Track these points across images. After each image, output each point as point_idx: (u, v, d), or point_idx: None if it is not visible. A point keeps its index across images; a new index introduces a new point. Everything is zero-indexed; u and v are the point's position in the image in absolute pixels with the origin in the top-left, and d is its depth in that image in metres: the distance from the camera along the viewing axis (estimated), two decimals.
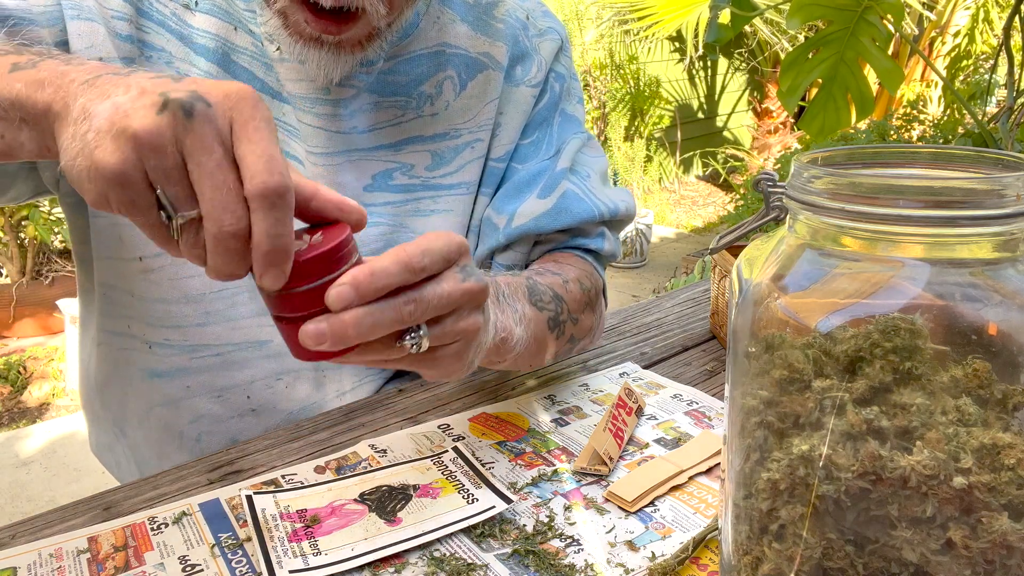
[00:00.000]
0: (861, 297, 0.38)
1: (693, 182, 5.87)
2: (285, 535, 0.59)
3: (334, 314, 0.45)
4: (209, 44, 0.72)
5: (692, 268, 3.51)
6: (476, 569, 0.56)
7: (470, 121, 0.82)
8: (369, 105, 0.77)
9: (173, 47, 0.71)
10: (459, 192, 0.83)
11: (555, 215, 0.81)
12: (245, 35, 0.73)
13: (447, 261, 0.50)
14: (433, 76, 0.79)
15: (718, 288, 0.93)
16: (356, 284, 0.44)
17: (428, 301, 0.48)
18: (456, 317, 0.51)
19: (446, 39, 0.80)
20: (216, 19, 0.72)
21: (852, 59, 1.56)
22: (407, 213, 0.81)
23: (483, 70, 0.82)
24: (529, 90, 0.84)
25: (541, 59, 0.85)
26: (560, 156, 0.85)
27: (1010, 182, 0.36)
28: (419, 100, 0.79)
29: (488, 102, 0.82)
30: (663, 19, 4.28)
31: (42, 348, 3.11)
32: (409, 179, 0.80)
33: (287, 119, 0.75)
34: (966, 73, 4.77)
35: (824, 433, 0.37)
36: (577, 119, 0.88)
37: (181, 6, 0.71)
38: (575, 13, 5.16)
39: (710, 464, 0.67)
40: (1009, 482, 0.34)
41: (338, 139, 0.75)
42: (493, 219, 0.84)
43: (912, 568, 0.36)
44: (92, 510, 0.64)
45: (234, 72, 0.73)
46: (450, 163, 0.82)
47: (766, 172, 0.46)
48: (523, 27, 0.84)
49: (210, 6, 0.72)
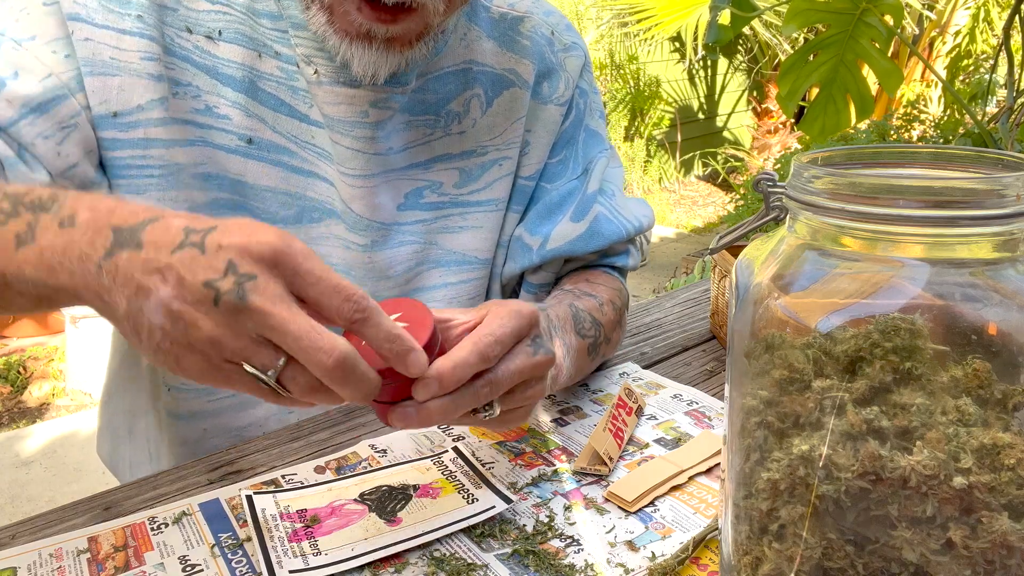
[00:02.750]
0: (861, 297, 0.38)
1: (693, 182, 5.87)
2: (285, 535, 0.59)
3: (421, 404, 0.50)
4: (235, 74, 0.71)
5: (692, 268, 3.51)
6: (476, 569, 0.56)
7: (497, 138, 0.82)
8: (403, 125, 0.76)
9: (200, 81, 0.70)
10: (488, 209, 0.83)
11: (588, 239, 0.84)
12: (270, 60, 0.72)
13: (518, 338, 0.55)
14: (461, 94, 0.79)
15: (718, 288, 0.93)
16: (440, 378, 0.49)
17: (501, 382, 0.53)
18: (525, 386, 0.57)
19: (473, 56, 0.80)
20: (240, 47, 0.71)
21: (851, 61, 1.56)
22: (437, 230, 0.82)
23: (509, 87, 0.81)
24: (557, 108, 0.85)
25: (568, 76, 0.85)
26: (590, 177, 0.86)
27: (1010, 182, 0.36)
28: (447, 119, 0.79)
29: (515, 120, 0.82)
30: (663, 20, 4.28)
31: (42, 348, 3.10)
32: (439, 197, 0.81)
33: (317, 142, 0.74)
34: (966, 73, 4.77)
35: (824, 433, 0.37)
36: (600, 135, 0.89)
37: (204, 37, 0.70)
38: (575, 14, 5.16)
39: (710, 464, 0.67)
40: (1009, 482, 0.34)
41: (376, 161, 0.75)
42: (525, 239, 0.85)
43: (912, 568, 0.36)
44: (92, 510, 0.64)
45: (261, 99, 0.72)
46: (478, 180, 0.82)
47: (766, 172, 0.46)
48: (548, 43, 0.84)
49: (234, 35, 0.71)
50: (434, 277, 0.83)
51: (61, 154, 0.65)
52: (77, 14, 0.65)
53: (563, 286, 0.85)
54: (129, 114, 0.67)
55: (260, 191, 0.74)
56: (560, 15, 0.88)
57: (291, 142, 0.74)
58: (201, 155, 0.71)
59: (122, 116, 0.67)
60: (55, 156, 0.64)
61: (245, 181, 0.73)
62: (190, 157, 0.71)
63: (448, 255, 0.83)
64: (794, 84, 1.63)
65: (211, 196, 0.73)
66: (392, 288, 0.81)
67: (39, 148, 0.64)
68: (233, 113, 0.71)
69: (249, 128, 0.72)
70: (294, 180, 0.75)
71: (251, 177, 0.73)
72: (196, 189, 0.72)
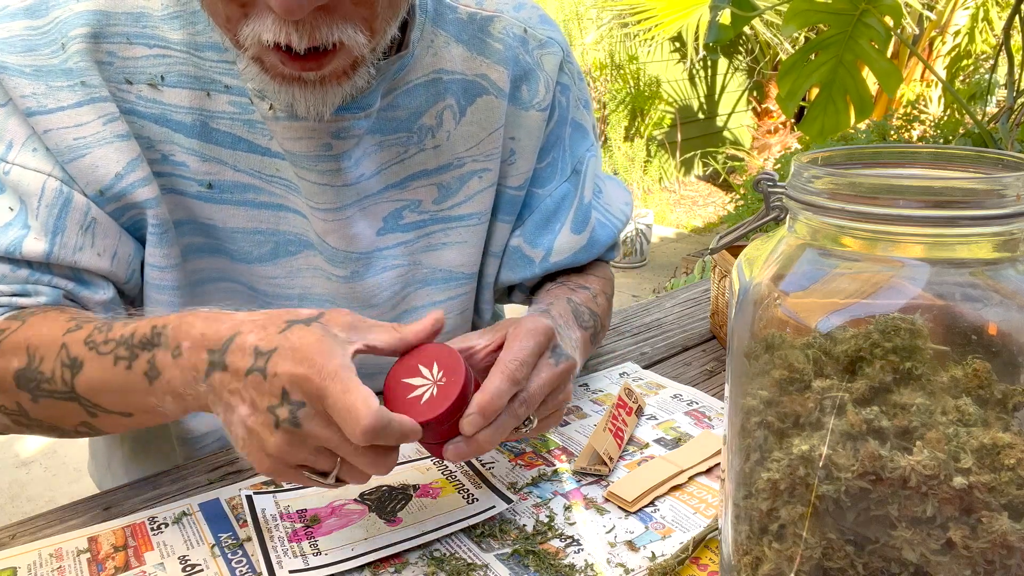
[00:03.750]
0: (861, 297, 0.38)
1: (693, 182, 5.87)
2: (285, 535, 0.59)
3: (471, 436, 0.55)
4: (185, 119, 0.68)
5: (692, 268, 3.51)
6: (476, 569, 0.56)
7: (473, 149, 0.79)
8: (373, 148, 0.73)
9: (150, 131, 0.67)
10: (470, 223, 0.81)
11: (589, 248, 0.85)
12: (220, 96, 0.68)
13: (540, 355, 0.59)
14: (432, 107, 0.76)
15: (718, 288, 0.93)
16: (484, 412, 0.54)
17: (535, 398, 0.58)
18: (554, 394, 0.61)
19: (442, 64, 0.75)
20: (187, 90, 0.68)
21: (851, 62, 1.57)
22: (420, 250, 0.80)
23: (482, 94, 0.78)
24: (539, 114, 0.81)
25: (547, 76, 0.81)
26: (584, 183, 0.84)
27: (1010, 182, 0.36)
28: (420, 134, 0.76)
29: (492, 131, 0.79)
30: (663, 21, 4.28)
31: None
32: (419, 215, 0.78)
33: (283, 174, 0.71)
34: (966, 73, 4.77)
35: (824, 433, 0.37)
36: (585, 127, 0.86)
37: (147, 86, 0.67)
38: (575, 14, 5.16)
39: (710, 464, 0.67)
40: (1009, 482, 0.34)
41: (346, 192, 0.72)
42: (525, 251, 0.84)
43: (912, 568, 0.36)
44: (92, 510, 0.64)
45: (216, 140, 0.69)
46: (457, 194, 0.79)
47: (766, 172, 0.46)
48: (522, 43, 0.80)
49: (177, 77, 0.67)
50: (421, 297, 0.81)
51: (101, 254, 0.66)
52: (29, 108, 0.63)
53: (555, 278, 0.85)
54: (110, 187, 0.66)
55: (231, 233, 0.72)
56: (532, 7, 0.83)
57: (255, 178, 0.71)
58: (171, 202, 0.70)
59: (107, 191, 0.66)
60: (97, 259, 0.66)
61: (215, 224, 0.72)
62: (168, 208, 0.69)
63: (434, 273, 0.81)
64: (794, 85, 1.63)
65: (185, 242, 0.72)
66: (379, 316, 0.79)
67: (82, 263, 0.66)
68: (189, 160, 0.69)
69: (207, 172, 0.70)
70: (264, 216, 0.73)
71: (219, 220, 0.72)
72: (183, 237, 0.72)
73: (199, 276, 0.74)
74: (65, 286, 0.66)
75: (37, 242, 0.64)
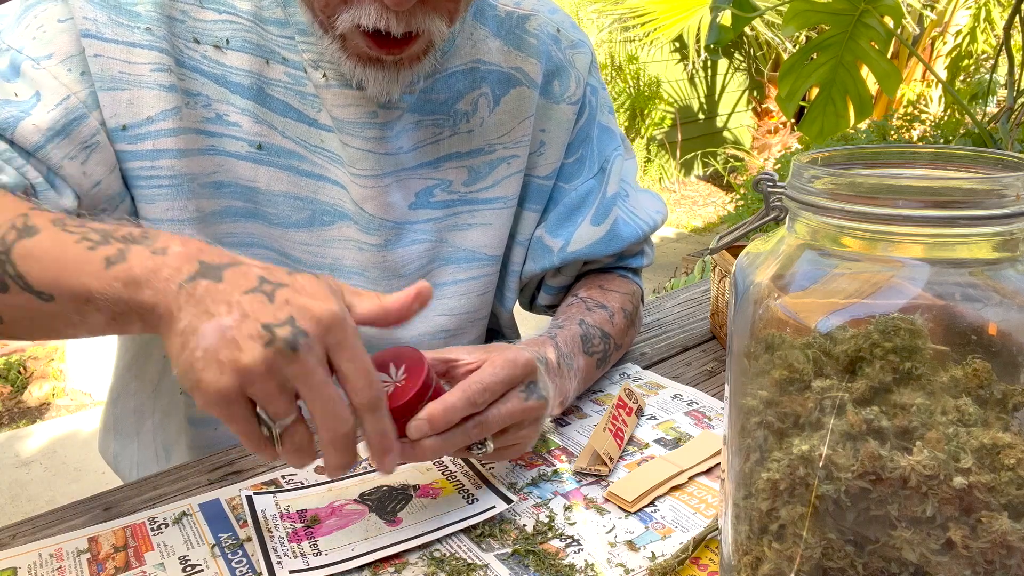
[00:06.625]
0: (861, 297, 0.38)
1: (693, 182, 5.87)
2: (285, 535, 0.59)
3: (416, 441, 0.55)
4: (244, 81, 0.72)
5: (692, 268, 3.51)
6: (476, 569, 0.56)
7: (505, 136, 0.83)
8: (412, 125, 0.77)
9: (210, 90, 0.71)
10: (496, 206, 0.84)
11: (608, 242, 0.86)
12: (278, 66, 0.73)
13: (510, 386, 0.59)
14: (468, 93, 0.80)
15: (718, 288, 0.93)
16: (431, 420, 0.55)
17: (491, 424, 0.58)
18: (517, 427, 0.61)
19: (480, 55, 0.80)
20: (248, 55, 0.71)
21: (850, 63, 1.57)
22: (448, 228, 0.83)
23: (516, 85, 0.82)
24: (570, 107, 0.85)
25: (578, 74, 0.86)
26: (608, 179, 0.87)
27: (1010, 182, 0.36)
28: (456, 118, 0.80)
29: (523, 119, 0.83)
30: (664, 24, 4.28)
31: (42, 348, 3.10)
32: (448, 195, 0.82)
33: (327, 145, 0.75)
34: (967, 73, 4.77)
35: (824, 433, 0.37)
36: (612, 130, 0.90)
37: (212, 47, 0.71)
38: (575, 15, 5.16)
39: (710, 464, 0.67)
40: (1009, 482, 0.34)
41: (386, 160, 0.76)
42: (546, 241, 0.87)
43: (912, 568, 0.36)
44: (92, 510, 0.64)
45: (270, 105, 0.73)
46: (486, 178, 0.83)
47: (766, 172, 0.46)
48: (555, 41, 0.85)
49: (241, 43, 0.71)
50: (445, 274, 0.84)
51: (86, 173, 0.66)
52: (88, 30, 0.66)
53: (577, 293, 0.87)
54: (138, 126, 0.68)
55: (272, 196, 0.75)
56: (564, 13, 0.89)
57: (300, 146, 0.75)
58: (212, 164, 0.72)
59: (131, 128, 0.68)
60: (81, 176, 0.66)
61: (257, 187, 0.74)
62: (201, 166, 0.71)
63: (458, 252, 0.84)
64: (793, 85, 1.63)
65: (223, 204, 0.74)
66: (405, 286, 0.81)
67: (66, 170, 0.65)
68: (243, 120, 0.72)
69: (259, 134, 0.73)
70: (305, 184, 0.76)
71: (263, 183, 0.74)
72: (205, 198, 0.72)
73: (231, 240, 0.76)
74: (35, 179, 0.64)
75: (33, 131, 0.63)
